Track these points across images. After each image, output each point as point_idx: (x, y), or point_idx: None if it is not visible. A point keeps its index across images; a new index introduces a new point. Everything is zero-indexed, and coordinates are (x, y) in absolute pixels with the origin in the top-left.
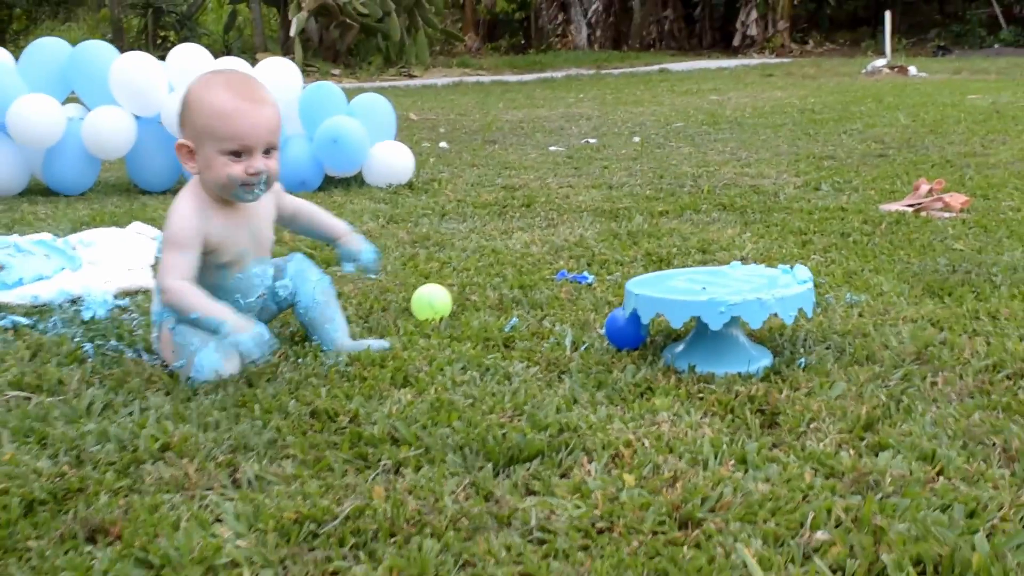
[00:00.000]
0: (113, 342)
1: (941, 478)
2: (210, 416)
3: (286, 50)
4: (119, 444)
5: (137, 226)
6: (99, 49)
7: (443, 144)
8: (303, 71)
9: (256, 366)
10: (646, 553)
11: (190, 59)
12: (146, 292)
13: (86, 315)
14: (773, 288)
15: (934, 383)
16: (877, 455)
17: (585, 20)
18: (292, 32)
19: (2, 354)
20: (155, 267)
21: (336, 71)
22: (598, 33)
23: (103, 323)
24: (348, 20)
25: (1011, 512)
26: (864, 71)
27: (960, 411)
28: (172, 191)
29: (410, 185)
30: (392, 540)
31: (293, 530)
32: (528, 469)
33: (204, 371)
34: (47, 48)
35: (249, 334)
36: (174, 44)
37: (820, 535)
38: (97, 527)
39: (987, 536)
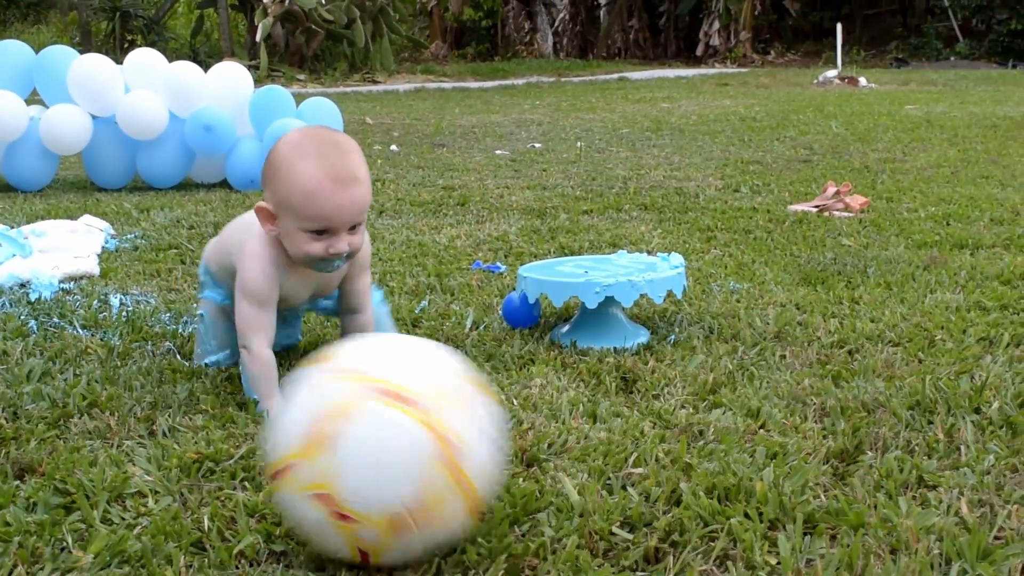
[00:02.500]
0: (55, 319)
1: (761, 431)
2: (136, 380)
3: (252, 55)
4: (51, 402)
5: (87, 218)
6: (62, 52)
7: (394, 147)
8: (268, 76)
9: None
10: None
11: (147, 62)
12: (91, 278)
13: (32, 296)
14: (648, 272)
15: (783, 356)
16: (711, 412)
17: (552, 29)
18: (258, 38)
19: None
20: (238, 319)
21: (301, 76)
22: (564, 42)
23: (48, 303)
24: (314, 26)
25: (809, 456)
26: (815, 81)
27: (794, 378)
28: (127, 188)
29: None
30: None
31: (194, 467)
32: None
33: (211, 367)
34: (10, 49)
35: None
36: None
37: (638, 471)
38: (25, 466)
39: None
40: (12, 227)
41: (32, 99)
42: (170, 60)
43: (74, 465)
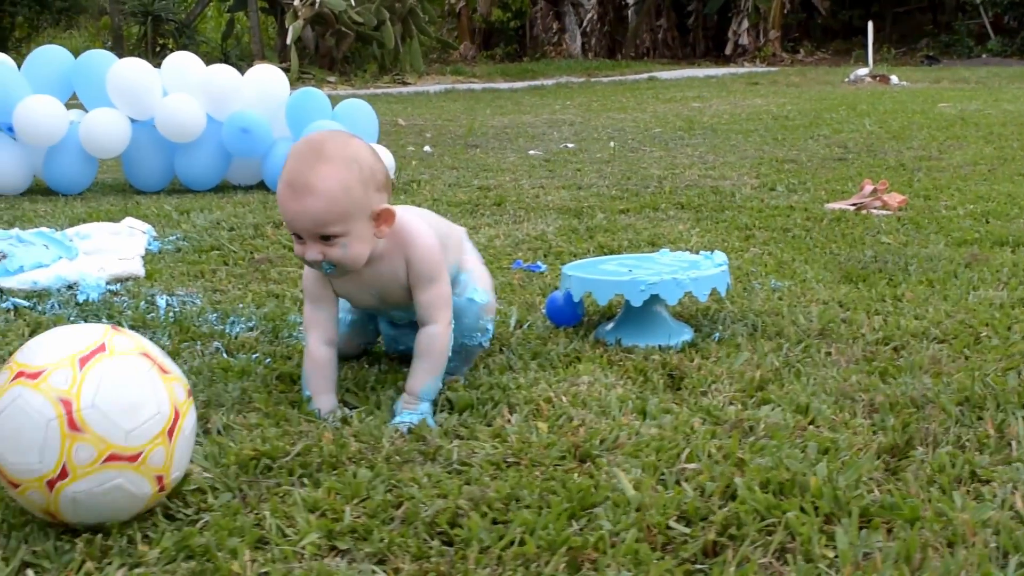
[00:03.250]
0: (104, 320)
1: (811, 426)
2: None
3: (282, 58)
4: None
5: (129, 220)
6: (101, 56)
7: (427, 148)
8: (299, 79)
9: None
10: (543, 479)
11: (184, 66)
12: (136, 279)
13: (80, 298)
14: (692, 270)
15: (828, 353)
16: (760, 408)
17: (580, 29)
18: (288, 40)
19: (4, 331)
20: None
21: (332, 78)
22: (592, 42)
23: (96, 304)
24: (343, 28)
25: (860, 452)
26: (846, 80)
27: (841, 375)
28: (165, 190)
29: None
30: (334, 472)
31: (251, 464)
32: (458, 419)
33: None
34: (49, 54)
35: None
36: (173, 51)
37: (691, 466)
38: None
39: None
40: (56, 230)
41: (70, 103)
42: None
43: None
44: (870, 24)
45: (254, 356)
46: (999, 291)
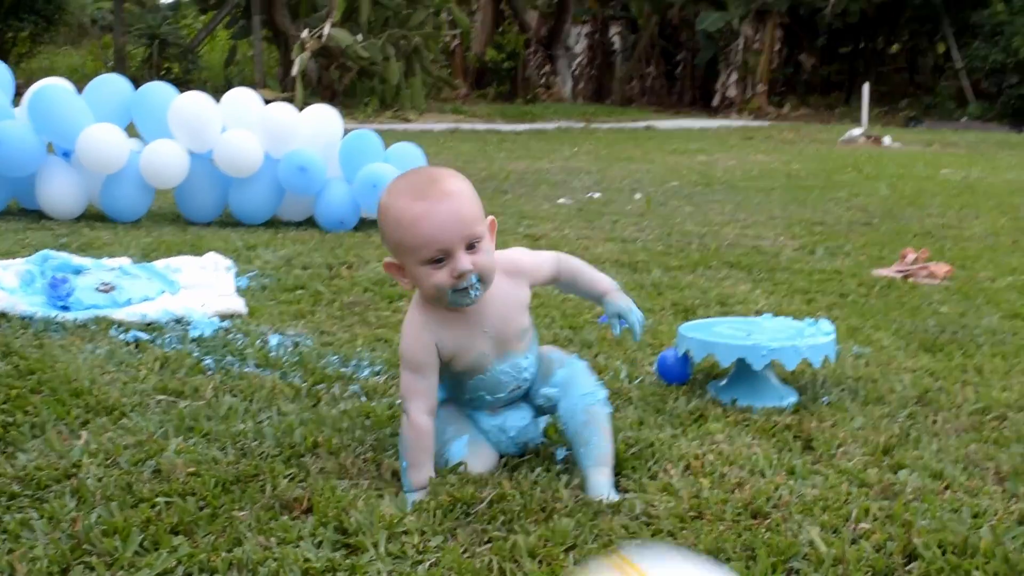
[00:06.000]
0: (229, 358)
1: (948, 491)
2: (343, 422)
3: (284, 87)
4: (276, 441)
5: (212, 255)
6: (162, 88)
7: None
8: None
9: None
10: (734, 533)
11: (243, 101)
12: (240, 316)
13: (193, 333)
14: (801, 337)
15: (935, 421)
16: (896, 472)
17: (570, 72)
18: (294, 72)
19: (136, 364)
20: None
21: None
22: (581, 85)
23: (212, 341)
24: (348, 62)
25: (1005, 515)
26: (841, 139)
27: (958, 443)
28: (216, 223)
29: None
30: (531, 519)
31: (451, 510)
32: (619, 473)
33: (453, 458)
34: (109, 83)
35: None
36: (176, 75)
37: (863, 525)
38: (287, 503)
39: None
40: (135, 261)
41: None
42: (203, 89)
43: (338, 503)
44: (866, 85)
45: (398, 402)
46: None
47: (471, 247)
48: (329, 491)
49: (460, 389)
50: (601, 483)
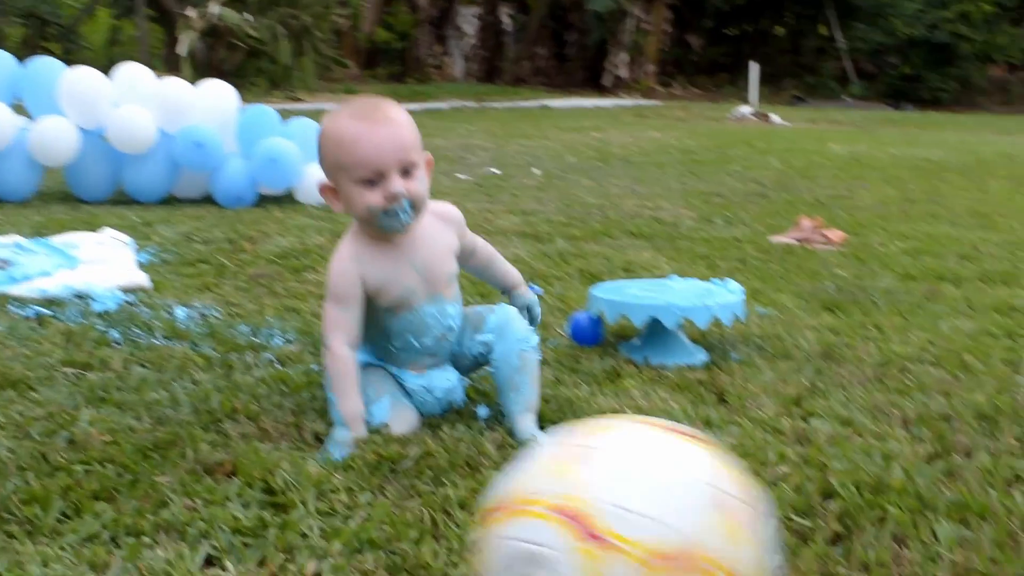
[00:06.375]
0: (136, 330)
1: (858, 437)
2: (259, 388)
3: (170, 67)
4: (192, 408)
5: (109, 231)
6: (50, 64)
7: None
8: None
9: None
10: None
11: (135, 77)
12: (144, 290)
13: (97, 308)
14: (711, 297)
15: (840, 374)
16: (808, 421)
17: (461, 53)
18: (182, 51)
19: (39, 338)
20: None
21: None
22: (472, 66)
23: (116, 315)
24: (237, 42)
25: (913, 456)
26: (730, 116)
27: (864, 393)
28: (109, 201)
29: None
30: (458, 473)
31: (377, 467)
32: (542, 428)
33: (374, 420)
34: None
35: (338, 439)
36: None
37: (782, 468)
38: (209, 466)
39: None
40: (26, 238)
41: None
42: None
43: (263, 465)
44: (754, 64)
45: (314, 367)
46: (963, 321)
47: (406, 173)
48: (252, 453)
49: (387, 336)
50: (529, 427)
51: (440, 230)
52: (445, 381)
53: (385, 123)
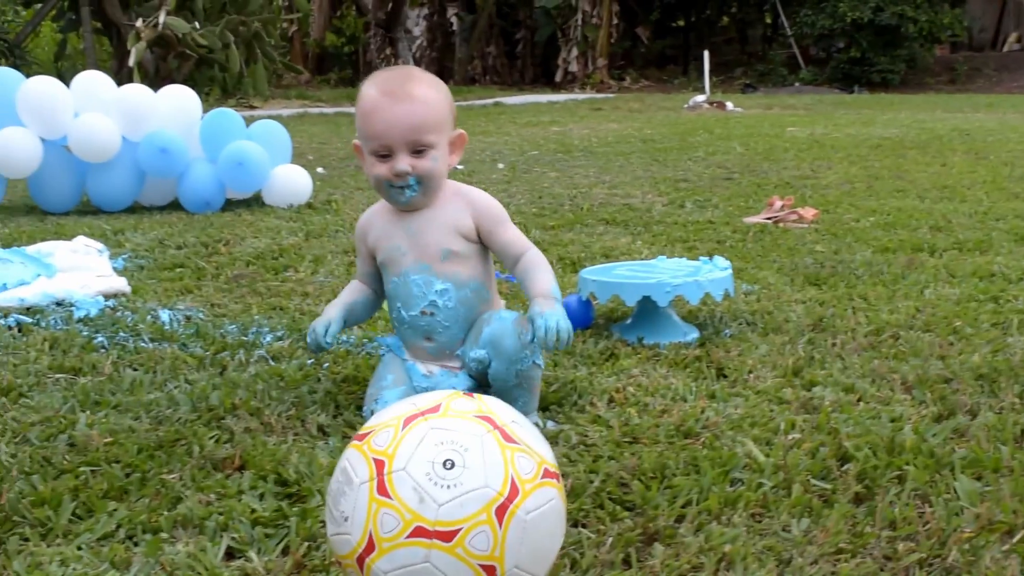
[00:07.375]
0: (122, 334)
1: (862, 403)
2: (256, 384)
3: (120, 79)
4: (191, 406)
5: (82, 239)
6: (8, 74)
7: (320, 169)
8: None
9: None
10: (673, 452)
11: (95, 84)
12: (124, 295)
13: (79, 314)
14: (701, 274)
15: (834, 344)
16: (810, 390)
17: (411, 54)
18: (131, 62)
19: (24, 346)
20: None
21: None
22: (423, 67)
23: (99, 320)
24: (186, 51)
25: (919, 418)
26: (686, 106)
27: (861, 360)
28: (75, 211)
29: (310, 205)
30: None
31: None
32: (546, 409)
33: (378, 407)
34: None
35: (311, 332)
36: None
37: (794, 435)
38: (217, 462)
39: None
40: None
41: None
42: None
43: (273, 457)
44: (706, 53)
45: (309, 362)
46: (947, 289)
47: (419, 152)
48: (260, 446)
49: (389, 305)
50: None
51: (454, 208)
52: (449, 387)
53: (405, 100)
